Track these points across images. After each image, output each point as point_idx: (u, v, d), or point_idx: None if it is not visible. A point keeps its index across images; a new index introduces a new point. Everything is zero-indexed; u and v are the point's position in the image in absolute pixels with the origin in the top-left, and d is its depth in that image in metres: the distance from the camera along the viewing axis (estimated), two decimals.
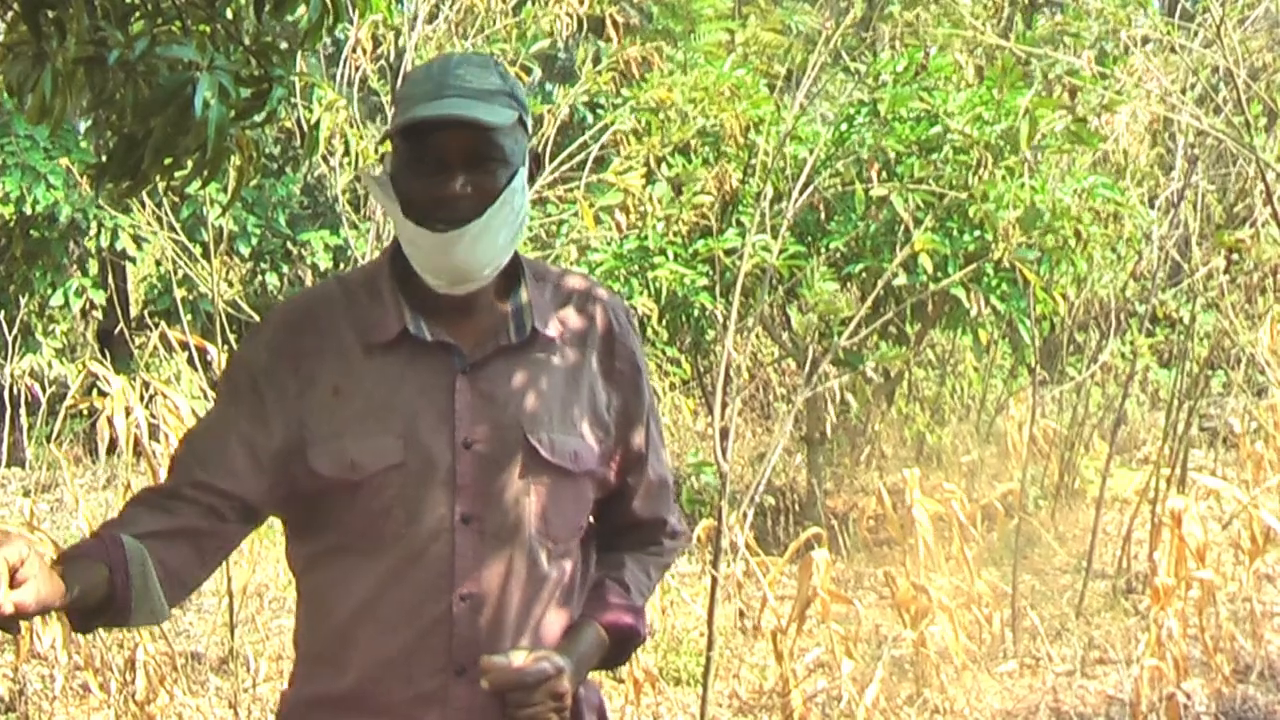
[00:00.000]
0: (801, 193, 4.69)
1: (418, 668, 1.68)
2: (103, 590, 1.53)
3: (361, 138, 4.97)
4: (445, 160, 1.65)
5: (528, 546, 1.71)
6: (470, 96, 1.64)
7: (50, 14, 1.82)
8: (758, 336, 7.26)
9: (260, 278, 8.91)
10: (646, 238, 5.76)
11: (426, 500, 1.67)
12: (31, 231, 8.40)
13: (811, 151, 5.56)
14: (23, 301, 8.33)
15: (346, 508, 1.68)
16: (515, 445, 1.70)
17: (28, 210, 8.05)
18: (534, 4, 5.51)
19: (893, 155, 5.83)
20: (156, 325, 6.76)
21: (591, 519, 1.85)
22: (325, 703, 1.73)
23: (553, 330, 1.76)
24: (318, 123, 4.37)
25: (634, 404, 1.83)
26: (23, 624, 4.62)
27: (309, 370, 1.69)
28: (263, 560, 5.27)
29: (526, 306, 1.74)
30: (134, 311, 9.53)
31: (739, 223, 5.80)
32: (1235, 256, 6.41)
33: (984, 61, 5.70)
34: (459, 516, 1.68)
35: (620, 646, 1.83)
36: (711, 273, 5.37)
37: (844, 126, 6.02)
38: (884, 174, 5.76)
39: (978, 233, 5.55)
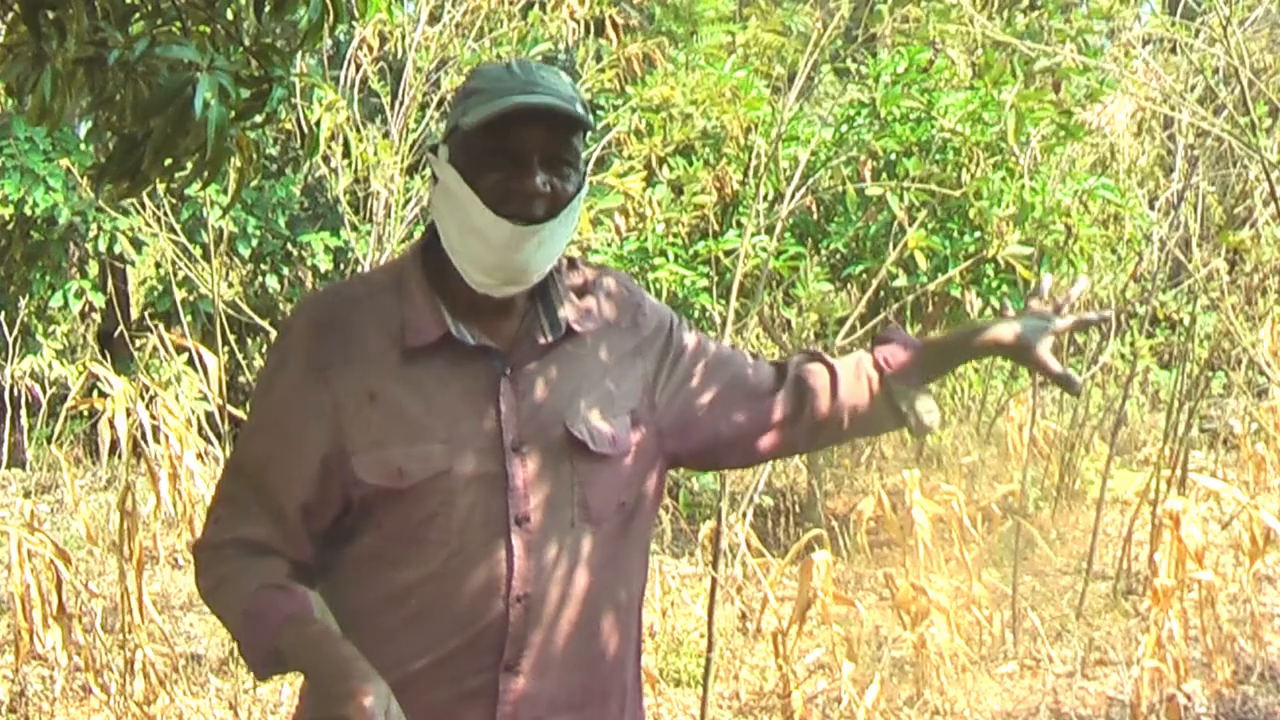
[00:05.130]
0: (796, 193, 4.68)
1: (465, 668, 1.67)
2: None
3: (362, 139, 4.97)
4: (526, 156, 1.65)
5: (575, 536, 1.71)
6: (558, 97, 1.65)
7: (50, 14, 1.82)
8: (757, 337, 7.25)
9: (260, 279, 8.90)
10: (647, 239, 5.76)
11: (477, 506, 1.66)
12: (31, 234, 8.40)
13: (811, 153, 5.56)
14: (22, 303, 8.33)
15: (386, 513, 1.66)
16: (561, 442, 1.70)
17: (27, 213, 8.05)
18: (539, 8, 5.51)
19: (891, 155, 5.82)
20: (156, 327, 6.77)
21: (735, 438, 1.84)
22: None
23: (579, 322, 1.76)
24: (318, 123, 4.37)
25: (669, 345, 1.82)
26: (22, 626, 4.54)
27: (341, 377, 1.66)
28: None
29: (558, 302, 1.75)
30: (134, 313, 9.53)
31: (739, 224, 5.80)
32: (1237, 257, 6.41)
33: (978, 58, 5.67)
34: (512, 519, 1.67)
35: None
36: (711, 274, 5.37)
37: (844, 128, 6.02)
38: (882, 174, 5.75)
39: (978, 234, 5.54)
